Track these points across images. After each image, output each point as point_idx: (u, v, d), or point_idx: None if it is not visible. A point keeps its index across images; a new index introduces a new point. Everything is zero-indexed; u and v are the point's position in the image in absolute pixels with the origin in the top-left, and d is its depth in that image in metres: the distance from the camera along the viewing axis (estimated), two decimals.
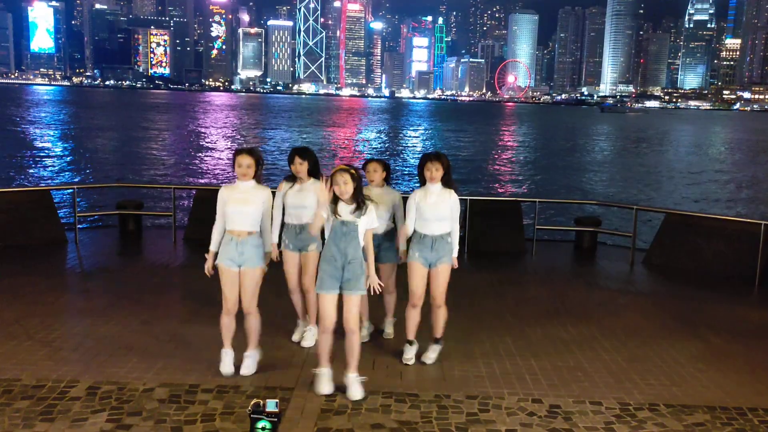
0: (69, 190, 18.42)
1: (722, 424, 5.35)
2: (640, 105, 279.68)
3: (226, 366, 5.95)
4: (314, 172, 6.47)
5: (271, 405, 4.67)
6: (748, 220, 11.12)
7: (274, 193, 6.37)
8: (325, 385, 5.58)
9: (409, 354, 6.37)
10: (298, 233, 6.52)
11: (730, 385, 6.14)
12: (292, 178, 6.55)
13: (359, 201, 5.48)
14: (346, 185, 5.40)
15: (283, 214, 6.58)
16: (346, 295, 5.54)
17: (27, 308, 7.61)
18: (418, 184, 6.46)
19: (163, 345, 6.61)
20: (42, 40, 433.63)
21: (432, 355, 6.42)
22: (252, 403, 4.74)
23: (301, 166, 6.41)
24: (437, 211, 6.13)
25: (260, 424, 4.60)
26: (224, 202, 5.88)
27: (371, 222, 5.57)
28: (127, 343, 6.63)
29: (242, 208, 5.81)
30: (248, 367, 5.97)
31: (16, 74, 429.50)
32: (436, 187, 6.16)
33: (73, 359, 6.18)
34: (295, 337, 6.89)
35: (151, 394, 5.48)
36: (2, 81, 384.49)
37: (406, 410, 5.38)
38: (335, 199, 5.45)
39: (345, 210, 5.46)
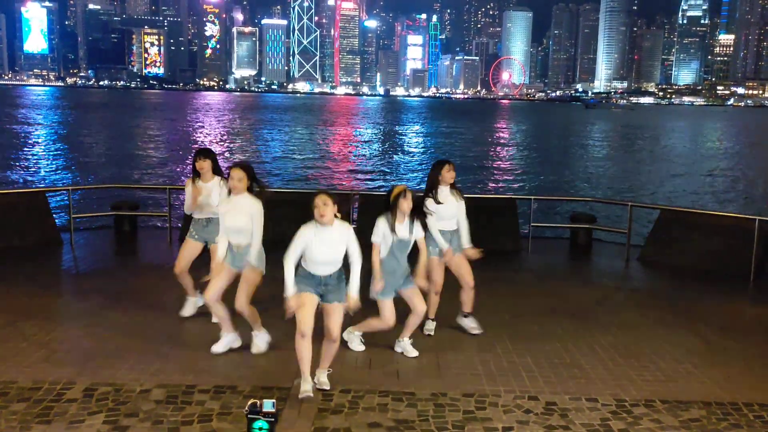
0: (64, 192, 18.38)
1: (718, 419, 5.37)
2: (625, 101, 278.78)
3: (219, 346, 6.48)
4: (217, 170, 7.26)
5: (268, 405, 4.67)
6: (743, 216, 11.14)
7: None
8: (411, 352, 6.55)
9: (430, 326, 7.20)
10: (204, 226, 7.29)
11: (726, 380, 6.17)
12: (197, 176, 7.24)
13: (412, 222, 6.31)
14: (408, 202, 6.22)
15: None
16: (408, 291, 6.39)
17: (22, 310, 7.59)
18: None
19: (159, 346, 6.61)
20: (35, 40, 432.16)
21: (473, 324, 7.21)
22: (249, 403, 4.74)
23: (204, 163, 7.17)
24: (450, 210, 6.92)
25: (257, 425, 4.61)
26: (222, 215, 6.31)
27: (419, 233, 6.42)
28: (124, 344, 6.62)
29: (236, 223, 6.24)
30: (257, 345, 6.47)
31: (10, 75, 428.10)
32: (447, 188, 6.94)
33: (70, 361, 6.17)
34: (186, 312, 7.51)
35: (148, 395, 5.48)
36: None
37: (403, 409, 5.39)
38: (393, 220, 6.23)
39: (401, 229, 6.26)
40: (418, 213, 6.40)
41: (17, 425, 4.92)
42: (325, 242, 5.45)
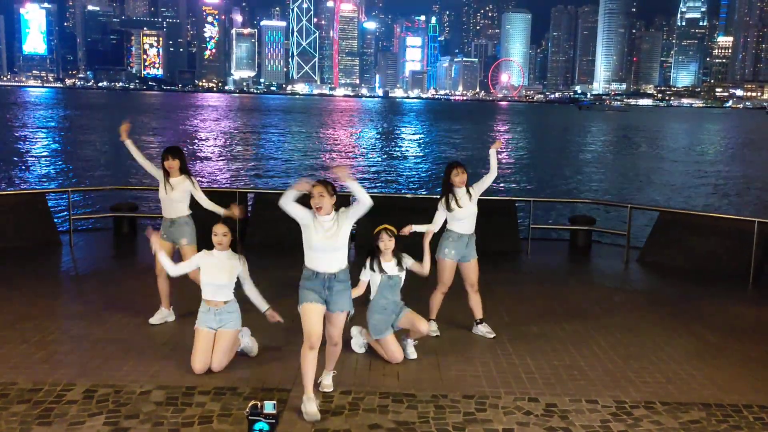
0: (63, 193, 18.37)
1: (718, 421, 5.38)
2: (618, 103, 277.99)
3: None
4: (184, 169, 7.17)
5: (269, 407, 4.68)
6: (741, 218, 11.16)
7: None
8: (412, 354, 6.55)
9: (433, 326, 7.15)
10: (168, 226, 7.20)
11: (725, 381, 6.18)
12: (167, 175, 7.18)
13: (398, 256, 6.44)
14: (386, 242, 6.34)
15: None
16: (405, 318, 6.46)
17: (22, 311, 7.59)
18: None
19: (159, 347, 6.61)
20: (34, 41, 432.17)
21: (487, 329, 7.22)
22: (250, 404, 4.75)
23: (173, 162, 7.08)
24: (465, 212, 6.90)
25: (257, 426, 4.61)
26: (200, 270, 6.11)
27: (408, 262, 6.53)
28: (123, 345, 6.62)
29: (216, 281, 6.04)
30: (250, 350, 6.37)
31: (9, 76, 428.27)
32: (462, 190, 6.94)
33: (69, 362, 6.17)
34: (153, 320, 7.28)
35: (148, 396, 5.48)
36: None
37: (403, 410, 5.39)
38: (378, 258, 6.37)
39: (389, 267, 6.39)
40: (397, 251, 6.48)
41: (18, 427, 4.92)
42: (320, 231, 5.15)
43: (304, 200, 5.20)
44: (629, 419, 5.35)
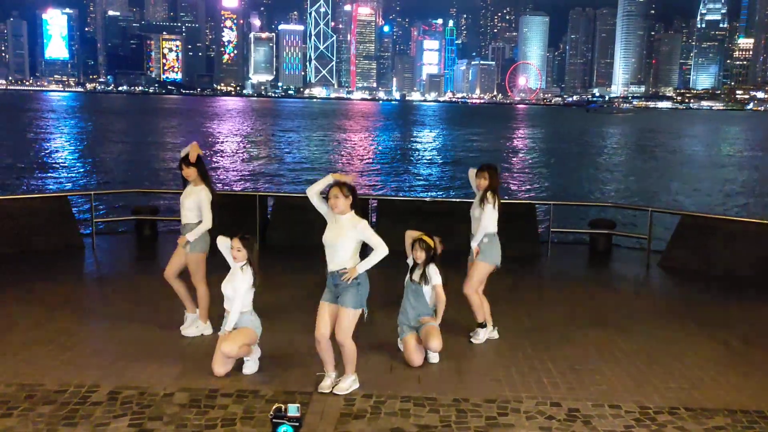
0: (86, 196, 18.59)
1: (743, 427, 5.32)
2: (627, 105, 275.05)
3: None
4: (204, 177, 7.09)
5: (293, 410, 4.70)
6: (764, 221, 11.02)
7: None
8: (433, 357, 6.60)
9: (489, 330, 7.26)
10: (181, 232, 7.15)
11: (750, 387, 6.11)
12: (185, 182, 7.13)
13: (427, 273, 6.52)
14: (418, 252, 6.51)
15: None
16: (424, 330, 6.49)
17: (46, 313, 7.69)
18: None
19: (182, 350, 6.66)
20: (56, 47, 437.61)
21: (481, 336, 7.15)
22: (274, 407, 4.77)
23: (189, 170, 7.00)
24: (474, 214, 7.07)
25: (281, 429, 4.64)
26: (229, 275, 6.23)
27: (436, 280, 6.56)
28: (147, 347, 6.68)
29: (227, 292, 6.17)
30: (250, 367, 6.19)
31: (31, 81, 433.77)
32: (478, 193, 7.07)
33: (94, 364, 6.23)
34: (188, 332, 7.13)
35: (172, 398, 5.53)
36: (17, 88, 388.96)
37: (425, 414, 5.39)
38: (414, 263, 6.55)
39: (417, 275, 6.56)
40: (432, 260, 6.54)
41: (44, 428, 4.98)
42: (333, 227, 5.67)
43: None
44: (653, 425, 5.30)
